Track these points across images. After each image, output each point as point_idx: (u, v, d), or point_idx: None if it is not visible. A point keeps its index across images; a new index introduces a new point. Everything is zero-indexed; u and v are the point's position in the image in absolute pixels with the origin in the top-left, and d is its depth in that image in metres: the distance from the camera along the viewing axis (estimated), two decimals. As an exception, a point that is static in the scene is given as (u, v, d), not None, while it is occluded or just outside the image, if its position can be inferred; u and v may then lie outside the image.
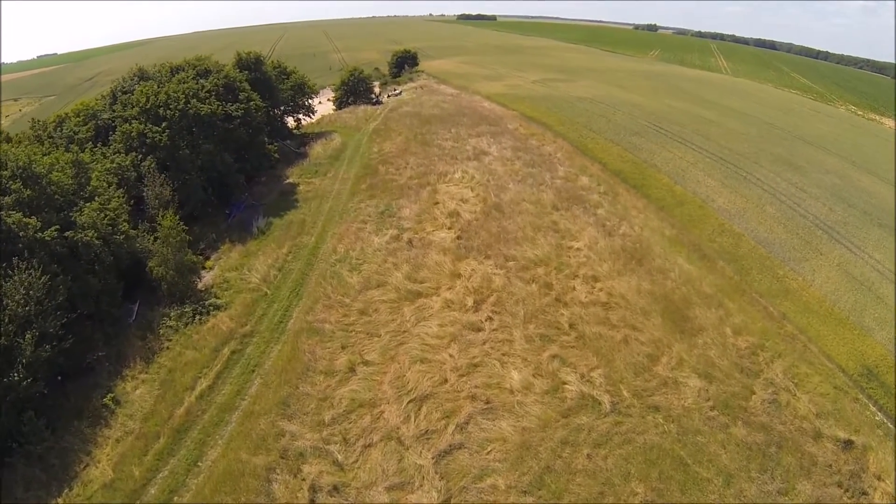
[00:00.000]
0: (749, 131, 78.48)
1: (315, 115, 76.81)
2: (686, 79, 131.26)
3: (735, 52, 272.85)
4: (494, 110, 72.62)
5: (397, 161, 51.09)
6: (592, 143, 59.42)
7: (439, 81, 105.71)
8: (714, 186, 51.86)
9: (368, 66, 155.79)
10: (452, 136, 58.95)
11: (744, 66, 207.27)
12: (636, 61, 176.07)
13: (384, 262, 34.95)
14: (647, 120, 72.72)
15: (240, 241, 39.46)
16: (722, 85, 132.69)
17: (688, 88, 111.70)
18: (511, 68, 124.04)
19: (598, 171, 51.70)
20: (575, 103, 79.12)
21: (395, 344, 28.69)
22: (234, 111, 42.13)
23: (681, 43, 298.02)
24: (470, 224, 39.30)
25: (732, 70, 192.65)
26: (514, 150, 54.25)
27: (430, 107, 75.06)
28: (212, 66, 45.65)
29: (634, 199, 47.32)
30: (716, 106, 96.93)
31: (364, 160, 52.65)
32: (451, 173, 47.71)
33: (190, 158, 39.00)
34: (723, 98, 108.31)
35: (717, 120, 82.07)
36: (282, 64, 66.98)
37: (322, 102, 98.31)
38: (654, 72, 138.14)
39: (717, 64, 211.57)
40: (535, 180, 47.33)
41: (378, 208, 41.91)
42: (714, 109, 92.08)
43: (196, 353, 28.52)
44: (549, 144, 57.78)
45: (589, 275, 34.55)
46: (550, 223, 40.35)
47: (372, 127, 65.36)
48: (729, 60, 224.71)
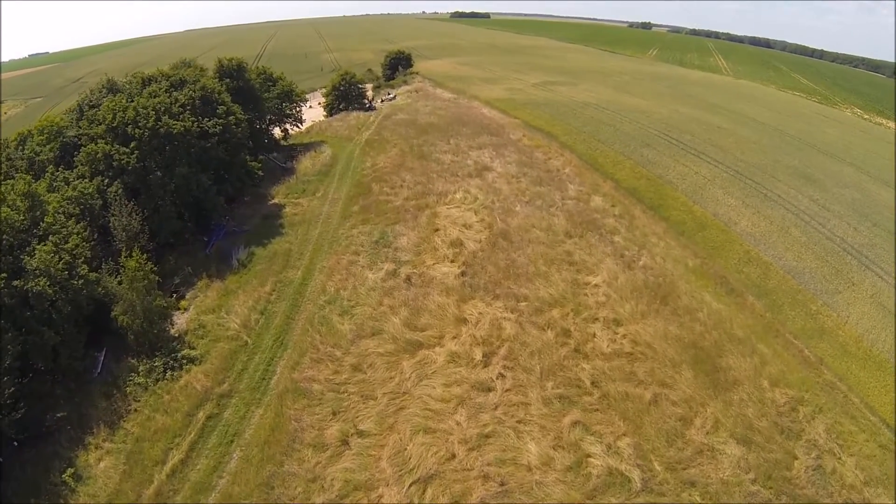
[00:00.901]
0: (761, 140, 75.01)
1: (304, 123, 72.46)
2: (689, 81, 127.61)
3: (733, 51, 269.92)
4: (495, 118, 68.46)
5: (392, 178, 46.88)
6: (602, 157, 55.44)
7: (435, 84, 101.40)
8: (735, 206, 48.22)
9: (361, 67, 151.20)
10: (452, 148, 54.79)
11: (744, 67, 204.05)
12: (636, 62, 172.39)
13: (379, 305, 30.87)
14: (657, 129, 68.87)
15: (218, 275, 35.20)
16: (726, 88, 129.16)
17: (693, 92, 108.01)
18: (509, 70, 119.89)
19: (611, 190, 47.75)
20: (579, 110, 75.13)
21: (393, 409, 24.85)
22: (211, 127, 37.78)
23: (678, 42, 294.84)
24: (475, 256, 35.24)
25: (732, 70, 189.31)
26: (520, 165, 50.18)
27: (426, 114, 70.82)
28: (188, 77, 41.20)
29: (652, 222, 43.43)
30: (723, 111, 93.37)
31: (356, 177, 48.42)
32: (452, 193, 43.60)
33: (162, 182, 34.68)
34: (729, 102, 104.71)
35: (728, 127, 78.48)
36: (267, 70, 62.47)
37: (312, 107, 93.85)
38: (656, 73, 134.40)
39: (716, 64, 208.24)
40: (544, 201, 43.31)
41: (372, 236, 37.74)
42: (722, 115, 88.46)
43: (167, 419, 24.72)
44: (557, 158, 53.75)
45: (610, 318, 30.76)
46: (564, 254, 36.37)
47: (365, 137, 61.08)
48: (728, 60, 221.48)
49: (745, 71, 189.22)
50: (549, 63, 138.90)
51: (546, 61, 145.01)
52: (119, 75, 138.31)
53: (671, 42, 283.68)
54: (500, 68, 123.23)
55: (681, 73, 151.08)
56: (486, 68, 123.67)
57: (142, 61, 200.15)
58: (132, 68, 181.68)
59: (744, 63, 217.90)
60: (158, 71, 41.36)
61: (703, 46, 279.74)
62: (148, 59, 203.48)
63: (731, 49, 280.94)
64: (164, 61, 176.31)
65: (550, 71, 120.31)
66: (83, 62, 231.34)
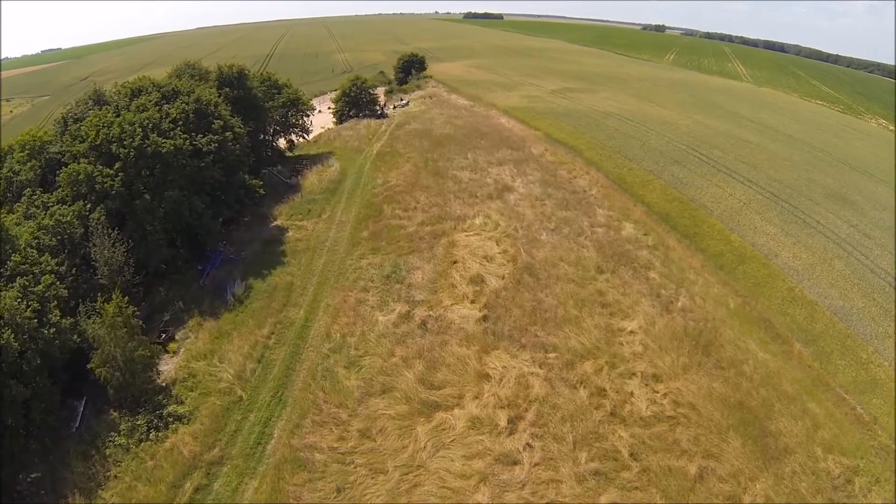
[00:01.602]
0: (792, 156, 70.87)
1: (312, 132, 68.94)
2: (711, 89, 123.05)
3: (750, 56, 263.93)
4: (515, 130, 64.65)
5: (405, 198, 43.23)
6: (630, 176, 51.52)
7: (449, 90, 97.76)
8: (773, 234, 44.42)
9: (373, 68, 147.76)
10: (469, 163, 51.04)
11: (763, 73, 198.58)
12: (654, 67, 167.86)
13: (391, 356, 27.26)
14: (685, 143, 64.84)
15: (212, 312, 31.70)
16: (749, 96, 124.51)
17: (717, 101, 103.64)
18: (525, 75, 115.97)
19: (642, 215, 43.87)
20: (602, 120, 71.16)
21: (406, 486, 21.55)
22: (206, 145, 34.23)
23: (694, 45, 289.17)
24: (498, 295, 31.53)
25: (752, 76, 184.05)
26: (543, 185, 46.38)
27: (441, 123, 67.12)
28: (181, 87, 37.66)
29: (689, 254, 39.55)
30: (749, 122, 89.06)
31: (366, 196, 44.82)
32: (471, 218, 39.88)
33: (150, 207, 31.22)
34: (754, 112, 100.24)
35: (757, 141, 74.32)
36: (272, 76, 58.83)
37: (322, 111, 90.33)
38: (676, 80, 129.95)
39: (734, 69, 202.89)
40: (571, 229, 39.49)
41: (382, 268, 34.10)
42: (749, 127, 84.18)
43: (150, 489, 21.58)
44: (582, 176, 49.92)
45: (649, 372, 27.09)
46: (596, 293, 32.58)
47: (376, 149, 57.49)
48: (746, 66, 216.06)
49: (765, 77, 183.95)
50: (565, 67, 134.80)
51: (562, 65, 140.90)
52: (125, 74, 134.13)
53: (687, 46, 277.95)
54: (515, 73, 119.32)
55: (700, 79, 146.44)
56: (501, 73, 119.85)
57: (149, 60, 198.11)
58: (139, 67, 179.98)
59: (762, 69, 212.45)
60: (149, 81, 37.80)
61: (719, 51, 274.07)
62: (156, 58, 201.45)
63: (747, 54, 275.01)
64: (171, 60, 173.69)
65: (567, 76, 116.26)
66: (91, 59, 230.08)
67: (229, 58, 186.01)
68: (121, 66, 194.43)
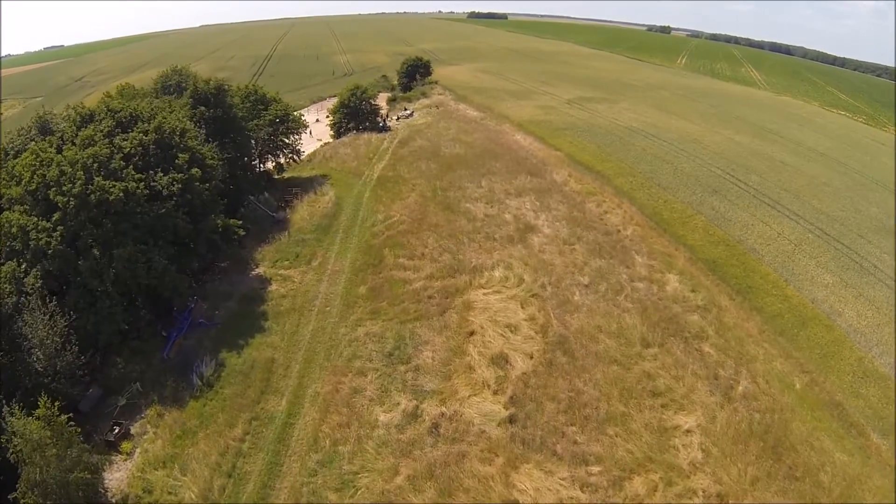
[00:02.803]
0: (831, 179, 64.99)
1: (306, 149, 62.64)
2: (732, 98, 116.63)
3: (761, 60, 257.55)
4: (533, 149, 58.32)
5: (410, 241, 37.01)
6: (667, 210, 45.28)
7: (457, 98, 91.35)
8: (833, 286, 38.68)
9: (375, 71, 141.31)
10: (484, 193, 44.80)
11: (778, 79, 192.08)
12: (668, 73, 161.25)
13: (395, 475, 21.16)
14: (719, 165, 58.61)
15: (175, 398, 25.58)
16: (771, 106, 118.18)
17: (742, 114, 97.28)
18: (537, 81, 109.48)
19: (686, 263, 37.68)
20: (626, 138, 64.84)
21: None
22: (166, 186, 27.95)
23: (703, 48, 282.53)
24: (526, 382, 25.42)
25: (768, 83, 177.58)
26: (571, 223, 40.14)
27: (449, 140, 60.79)
28: (142, 111, 31.34)
29: (744, 315, 33.46)
30: (778, 138, 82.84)
31: (364, 235, 38.60)
32: (489, 269, 33.68)
33: (98, 268, 25.00)
34: (781, 126, 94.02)
35: (792, 162, 68.25)
36: (258, 89, 52.37)
37: (319, 120, 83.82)
38: (693, 88, 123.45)
39: (748, 74, 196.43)
40: (608, 284, 33.27)
41: (383, 342, 27.89)
42: (780, 144, 77.95)
43: None
44: (614, 211, 43.69)
45: (712, 491, 21.68)
46: (643, 377, 26.49)
47: (377, 172, 51.19)
48: (760, 71, 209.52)
49: (781, 84, 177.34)
50: (577, 73, 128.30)
51: (574, 70, 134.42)
52: (121, 74, 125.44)
53: (697, 49, 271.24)
54: (526, 79, 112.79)
55: (718, 87, 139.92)
56: (511, 78, 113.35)
57: (146, 60, 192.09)
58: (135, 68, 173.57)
59: (776, 74, 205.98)
60: (104, 103, 31.45)
61: (729, 54, 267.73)
62: (153, 58, 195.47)
63: (758, 57, 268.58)
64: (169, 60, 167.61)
65: (581, 83, 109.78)
66: (90, 58, 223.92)
67: (227, 58, 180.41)
68: (118, 65, 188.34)
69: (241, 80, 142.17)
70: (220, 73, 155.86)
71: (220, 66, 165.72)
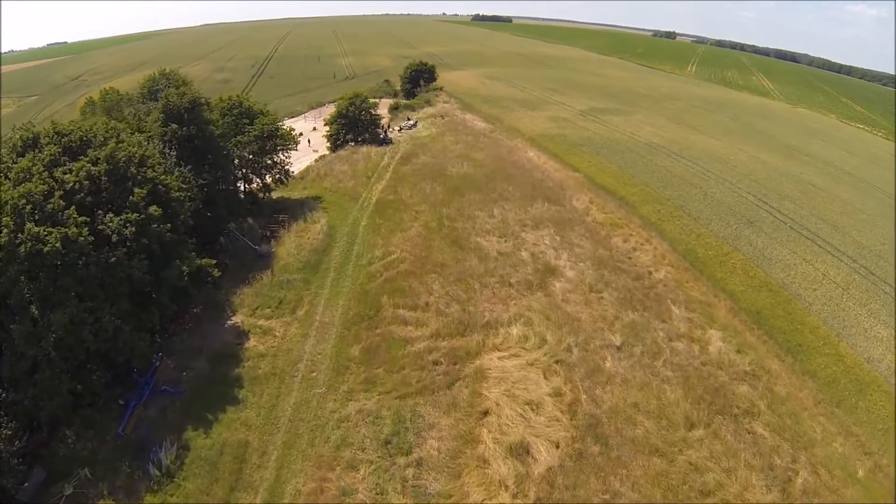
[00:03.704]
0: (865, 205, 60.50)
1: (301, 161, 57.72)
2: (749, 110, 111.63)
3: (770, 68, 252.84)
4: (549, 170, 53.28)
5: (413, 284, 31.95)
6: (702, 246, 40.30)
7: (463, 107, 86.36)
8: (888, 341, 34.35)
9: (377, 75, 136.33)
10: (497, 224, 39.77)
11: (790, 88, 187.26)
12: (680, 81, 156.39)
13: None
14: (750, 190, 53.65)
15: (128, 491, 20.63)
16: (789, 119, 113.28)
17: (761, 127, 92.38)
18: (547, 90, 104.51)
19: (728, 315, 32.76)
20: (648, 157, 59.87)
21: None
22: (117, 229, 22.86)
23: (711, 55, 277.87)
24: (552, 482, 20.47)
25: (781, 92, 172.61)
26: (597, 264, 35.09)
27: (456, 156, 55.76)
28: (95, 133, 26.17)
29: (796, 382, 28.77)
30: (804, 156, 78.12)
31: (359, 277, 33.49)
32: (505, 325, 28.65)
33: (35, 332, 19.93)
34: (804, 142, 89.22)
35: (823, 186, 63.49)
36: (243, 101, 46.97)
37: (317, 129, 78.80)
38: (708, 99, 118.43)
39: (760, 83, 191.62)
40: (644, 346, 28.25)
41: (379, 425, 22.82)
42: (807, 164, 73.11)
43: None
44: (643, 246, 38.69)
45: None
46: (690, 471, 21.83)
47: (375, 194, 46.12)
48: (771, 80, 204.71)
49: (794, 94, 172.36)
50: (588, 81, 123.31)
51: (584, 78, 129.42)
52: (119, 73, 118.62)
53: (705, 56, 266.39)
54: (535, 87, 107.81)
55: (732, 97, 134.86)
56: (519, 85, 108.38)
57: (145, 59, 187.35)
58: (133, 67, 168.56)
59: (788, 84, 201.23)
60: (51, 127, 26.21)
61: (738, 62, 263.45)
62: (152, 57, 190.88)
63: (767, 66, 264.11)
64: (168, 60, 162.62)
65: (594, 92, 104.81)
66: (89, 56, 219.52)
67: (227, 59, 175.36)
68: (116, 64, 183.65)
69: (240, 82, 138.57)
70: (218, 74, 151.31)
71: (219, 66, 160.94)
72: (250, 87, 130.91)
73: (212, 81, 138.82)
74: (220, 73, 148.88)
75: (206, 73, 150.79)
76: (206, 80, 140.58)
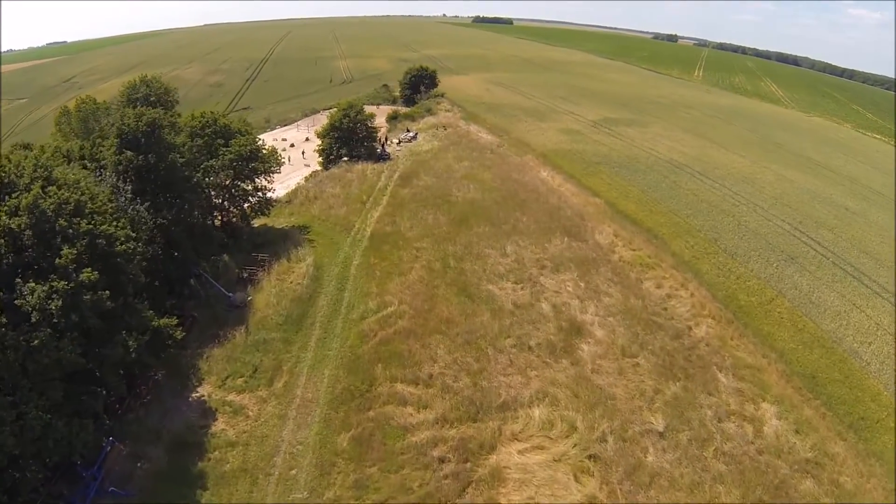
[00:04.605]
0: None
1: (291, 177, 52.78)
2: (766, 120, 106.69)
3: (775, 72, 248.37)
4: (565, 194, 48.24)
5: (413, 348, 26.94)
6: (743, 290, 35.40)
7: (467, 117, 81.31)
8: None
9: (376, 79, 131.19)
10: (512, 265, 34.69)
11: (799, 94, 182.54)
12: (690, 87, 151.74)
13: None
14: (783, 217, 48.79)
15: None
16: (806, 130, 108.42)
17: (781, 139, 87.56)
18: (554, 97, 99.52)
19: (780, 381, 27.96)
20: (671, 178, 54.91)
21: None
22: (37, 305, 17.76)
23: (716, 60, 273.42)
24: None
25: (791, 99, 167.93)
26: (629, 319, 30.10)
27: (461, 177, 50.71)
28: (25, 171, 20.95)
29: (864, 469, 24.52)
30: (831, 173, 73.52)
31: (350, 337, 28.40)
32: (525, 404, 23.67)
33: None
34: (827, 157, 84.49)
35: (857, 208, 58.96)
36: (219, 119, 39.90)
37: (310, 139, 73.61)
38: (723, 107, 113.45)
39: (768, 89, 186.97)
40: (690, 430, 23.36)
41: (372, 558, 17.70)
42: (836, 183, 68.36)
43: None
44: (679, 293, 33.74)
45: None
46: None
47: (370, 225, 41.07)
48: (779, 85, 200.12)
49: (805, 101, 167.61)
50: (595, 87, 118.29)
51: (591, 83, 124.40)
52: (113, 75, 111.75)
53: (711, 61, 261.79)
54: (541, 93, 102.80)
55: (745, 105, 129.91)
56: (527, 93, 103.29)
57: (139, 60, 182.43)
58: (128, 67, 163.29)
59: (796, 89, 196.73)
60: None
61: (744, 66, 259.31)
62: (147, 59, 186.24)
63: (772, 70, 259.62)
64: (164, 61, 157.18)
65: (603, 99, 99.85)
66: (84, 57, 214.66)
67: (221, 61, 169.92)
68: (110, 65, 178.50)
69: (233, 86, 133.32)
70: (211, 77, 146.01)
71: (213, 69, 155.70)
72: (244, 92, 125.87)
73: (203, 85, 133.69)
74: (213, 76, 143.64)
75: (199, 75, 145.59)
76: (198, 83, 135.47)
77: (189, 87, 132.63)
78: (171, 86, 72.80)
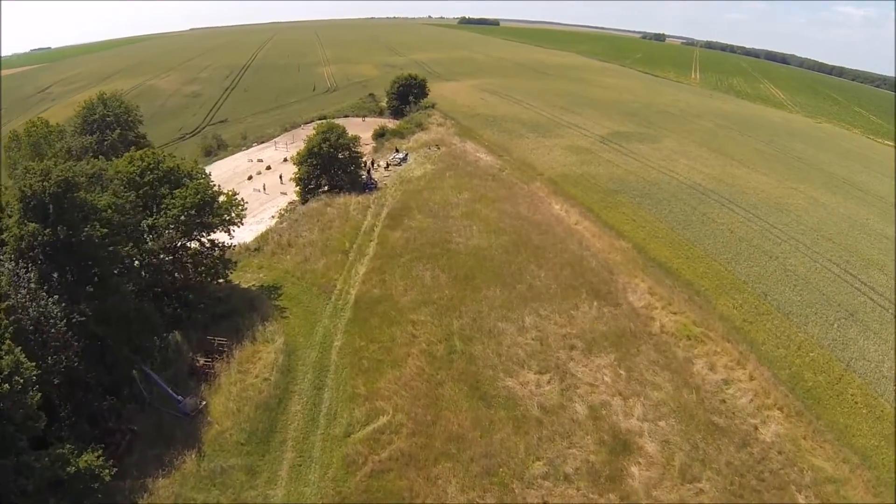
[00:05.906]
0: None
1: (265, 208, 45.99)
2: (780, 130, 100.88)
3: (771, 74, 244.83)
4: (586, 237, 41.39)
5: (415, 486, 20.28)
6: (809, 366, 29.05)
7: (462, 132, 74.55)
8: None
9: (362, 87, 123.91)
10: (533, 346, 27.90)
11: (801, 97, 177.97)
12: (690, 91, 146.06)
13: None
14: (830, 257, 42.76)
15: None
16: (819, 138, 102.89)
17: (800, 153, 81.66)
18: (555, 107, 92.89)
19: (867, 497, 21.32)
20: (699, 208, 48.55)
21: None
22: None
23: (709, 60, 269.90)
24: None
25: (793, 102, 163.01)
26: (684, 421, 23.53)
27: (462, 215, 43.88)
28: None
29: None
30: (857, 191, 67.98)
31: (332, 468, 21.48)
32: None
33: None
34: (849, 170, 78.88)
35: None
36: (164, 161, 31.45)
37: (288, 159, 65.61)
38: (731, 115, 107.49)
39: (768, 92, 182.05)
40: None
41: None
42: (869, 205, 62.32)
43: None
44: (736, 375, 27.29)
45: None
46: None
47: (355, 284, 34.02)
48: (778, 87, 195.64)
49: (808, 105, 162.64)
50: (596, 94, 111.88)
51: (591, 90, 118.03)
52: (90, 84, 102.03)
53: (704, 61, 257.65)
54: (540, 102, 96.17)
55: (751, 111, 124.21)
56: (524, 102, 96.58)
57: (119, 68, 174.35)
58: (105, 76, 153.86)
59: (796, 91, 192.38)
60: None
61: (739, 67, 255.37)
62: (127, 66, 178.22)
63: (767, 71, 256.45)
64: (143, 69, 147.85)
65: (608, 109, 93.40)
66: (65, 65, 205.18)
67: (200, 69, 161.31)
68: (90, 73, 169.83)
69: (211, 96, 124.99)
70: (188, 87, 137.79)
71: (192, 77, 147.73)
72: (221, 103, 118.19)
73: (179, 96, 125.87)
74: (191, 86, 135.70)
75: (176, 85, 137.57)
76: (174, 94, 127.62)
77: (165, 97, 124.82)
78: (132, 104, 65.46)
